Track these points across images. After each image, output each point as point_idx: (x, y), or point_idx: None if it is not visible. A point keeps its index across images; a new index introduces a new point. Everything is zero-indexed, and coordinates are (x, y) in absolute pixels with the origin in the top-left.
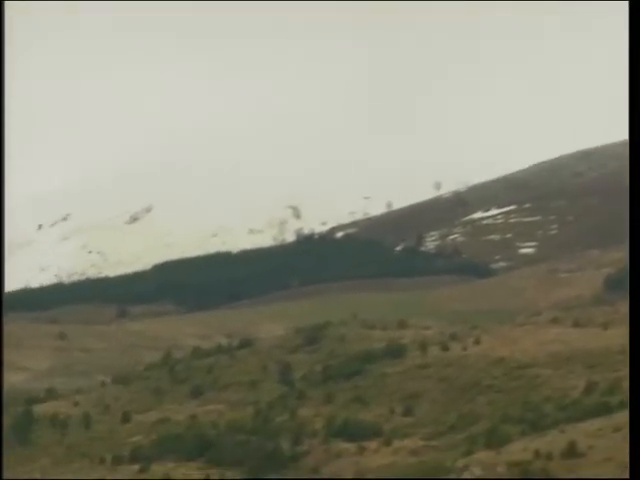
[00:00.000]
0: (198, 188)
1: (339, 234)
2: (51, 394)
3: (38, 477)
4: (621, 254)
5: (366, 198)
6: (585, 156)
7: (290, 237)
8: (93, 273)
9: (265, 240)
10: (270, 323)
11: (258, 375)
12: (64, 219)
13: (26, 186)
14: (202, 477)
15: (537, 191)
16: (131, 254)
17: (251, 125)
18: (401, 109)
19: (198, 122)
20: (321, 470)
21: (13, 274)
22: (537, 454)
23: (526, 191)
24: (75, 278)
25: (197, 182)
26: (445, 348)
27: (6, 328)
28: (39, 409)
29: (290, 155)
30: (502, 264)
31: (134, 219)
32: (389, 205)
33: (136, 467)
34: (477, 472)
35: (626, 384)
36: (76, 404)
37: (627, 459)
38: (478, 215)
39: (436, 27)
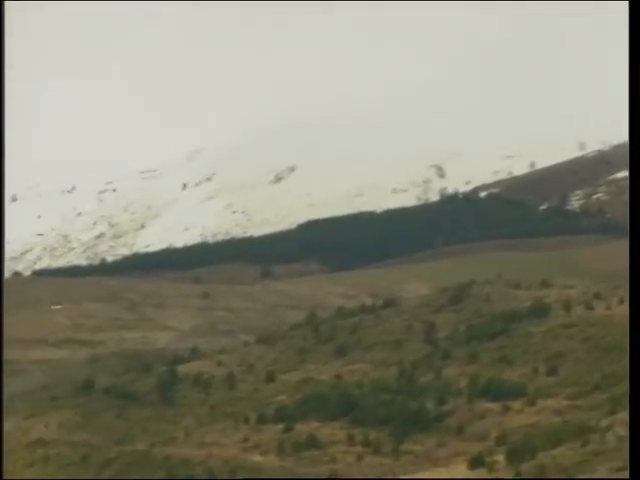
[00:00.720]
0: (342, 147)
1: (483, 193)
2: (195, 354)
3: (181, 436)
4: None
5: (509, 157)
6: None
7: (434, 196)
8: (237, 233)
9: (409, 199)
10: (414, 282)
11: (402, 335)
12: (208, 179)
13: (171, 147)
14: (346, 437)
15: None
16: (275, 213)
17: (395, 86)
18: (543, 68)
19: (342, 81)
20: (465, 430)
21: (158, 234)
22: None
23: None
24: (219, 238)
25: (341, 141)
26: (589, 307)
27: (151, 287)
28: (183, 369)
29: (434, 115)
30: None
31: (278, 178)
32: (532, 165)
33: (280, 427)
34: (621, 432)
35: None
36: (220, 364)
37: None
38: (622, 175)
39: None
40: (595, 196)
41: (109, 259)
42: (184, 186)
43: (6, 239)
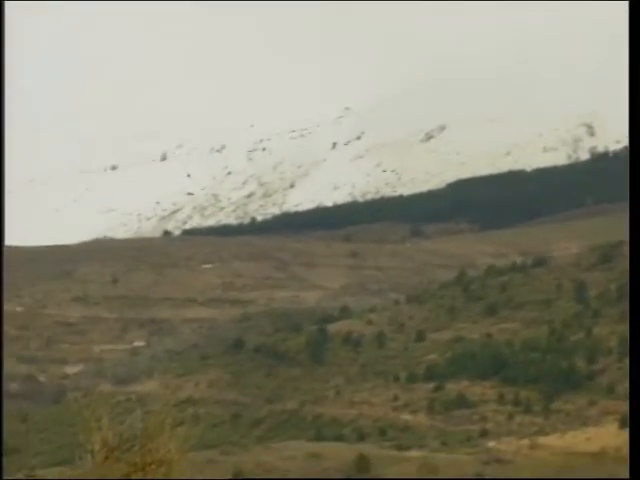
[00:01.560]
0: (492, 106)
1: None
2: (345, 313)
3: (331, 395)
4: None
5: None
6: None
7: (584, 155)
8: (387, 191)
9: (559, 158)
10: (564, 241)
11: (553, 293)
12: (358, 138)
13: (321, 106)
14: (496, 396)
15: None
16: (425, 172)
17: (545, 44)
18: None
19: (490, 39)
20: (616, 389)
21: (308, 193)
22: None
23: None
24: (369, 197)
25: (490, 100)
26: None
27: (300, 246)
28: (333, 328)
29: (583, 73)
30: None
31: (428, 137)
32: None
33: (430, 385)
34: None
35: None
36: (370, 323)
37: None
38: None
39: None
40: None
41: (259, 218)
42: (334, 145)
43: (155, 198)
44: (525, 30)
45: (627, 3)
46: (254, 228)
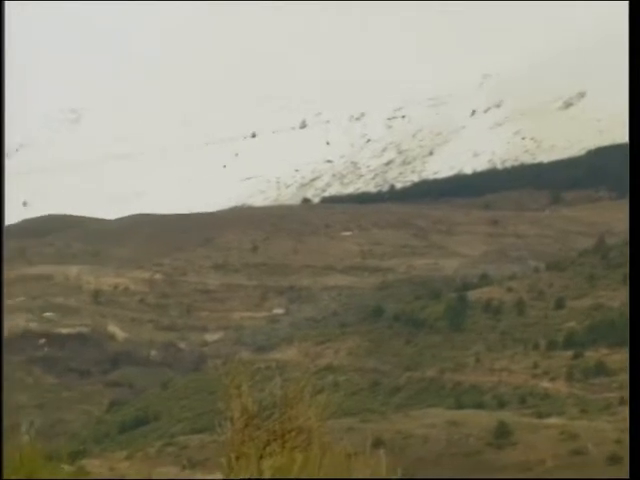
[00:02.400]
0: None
1: None
2: (484, 280)
3: (471, 362)
4: None
5: None
6: None
7: None
8: (526, 159)
9: None
10: None
11: None
12: (497, 105)
13: (460, 73)
14: None
15: None
16: (564, 140)
17: None
18: None
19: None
20: None
21: (447, 160)
22: None
23: None
24: (508, 164)
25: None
26: None
27: (440, 214)
28: (473, 295)
29: None
30: None
31: (567, 104)
32: None
33: (569, 353)
34: None
35: None
36: (510, 290)
37: None
38: None
39: None
40: None
41: (398, 186)
42: (473, 112)
43: (295, 166)
44: None
45: (627, 3)
46: (393, 195)
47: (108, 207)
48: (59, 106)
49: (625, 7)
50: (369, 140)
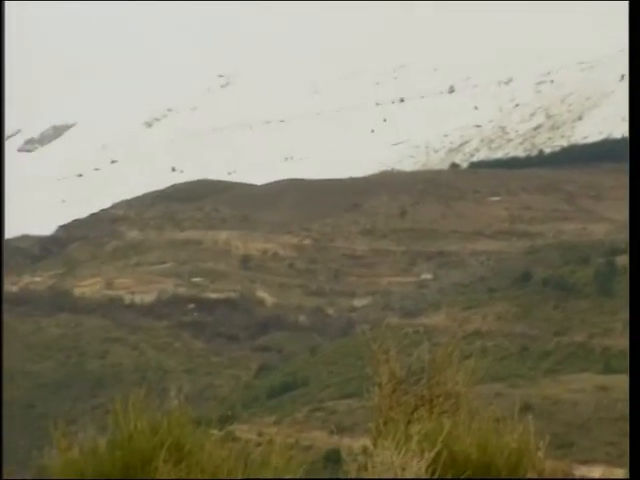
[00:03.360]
0: None
1: None
2: None
3: (619, 327)
4: None
5: None
6: None
7: None
8: None
9: None
10: None
11: None
12: None
13: (608, 38)
14: None
15: None
16: None
17: None
18: None
19: None
20: None
21: (596, 125)
22: None
23: None
24: None
25: None
26: None
27: (588, 179)
28: (621, 260)
29: None
30: None
31: None
32: None
33: None
34: None
35: None
36: None
37: None
38: None
39: None
40: None
41: (546, 150)
42: (622, 77)
43: (443, 131)
44: None
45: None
46: (541, 160)
47: (257, 172)
48: (208, 71)
49: None
50: (517, 105)
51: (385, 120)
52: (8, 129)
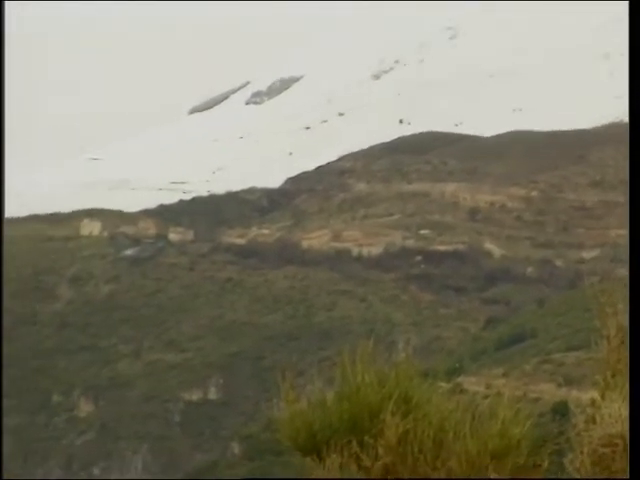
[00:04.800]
0: None
1: None
2: None
3: None
4: None
5: None
6: None
7: None
8: None
9: None
10: None
11: None
12: None
13: None
14: None
15: None
16: None
17: None
18: None
19: None
20: None
21: None
22: None
23: None
24: None
25: None
26: None
27: None
28: None
29: None
30: None
31: None
32: None
33: None
34: None
35: None
36: None
37: None
38: None
39: None
40: None
41: None
42: None
43: None
44: None
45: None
46: None
47: (484, 124)
48: (435, 23)
49: None
50: None
51: (611, 74)
52: (236, 81)
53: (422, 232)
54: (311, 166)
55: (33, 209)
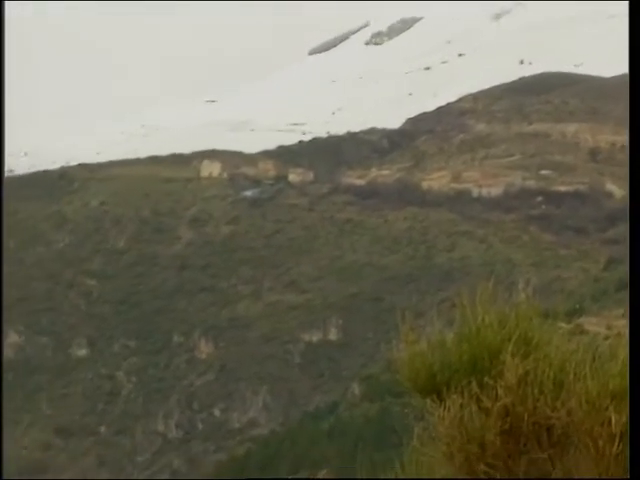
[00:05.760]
0: None
1: None
2: None
3: None
4: None
5: None
6: None
7: None
8: None
9: None
10: None
11: None
12: None
13: None
14: None
15: None
16: None
17: None
18: None
19: None
20: None
21: None
22: None
23: None
24: None
25: None
26: None
27: None
28: None
29: None
30: None
31: None
32: None
33: None
34: None
35: None
36: None
37: None
38: None
39: None
40: None
41: None
42: None
43: None
44: None
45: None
46: None
47: (605, 65)
48: None
49: None
50: None
51: None
52: (356, 22)
53: (542, 172)
54: (431, 107)
55: (153, 150)
